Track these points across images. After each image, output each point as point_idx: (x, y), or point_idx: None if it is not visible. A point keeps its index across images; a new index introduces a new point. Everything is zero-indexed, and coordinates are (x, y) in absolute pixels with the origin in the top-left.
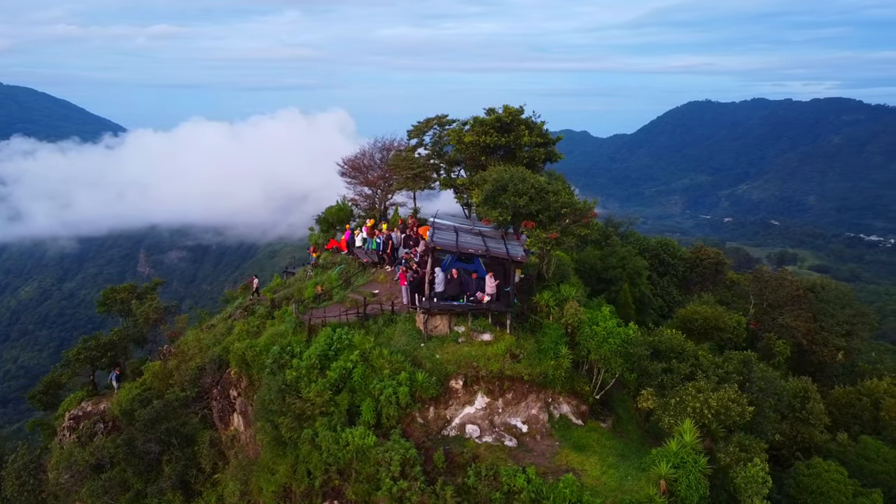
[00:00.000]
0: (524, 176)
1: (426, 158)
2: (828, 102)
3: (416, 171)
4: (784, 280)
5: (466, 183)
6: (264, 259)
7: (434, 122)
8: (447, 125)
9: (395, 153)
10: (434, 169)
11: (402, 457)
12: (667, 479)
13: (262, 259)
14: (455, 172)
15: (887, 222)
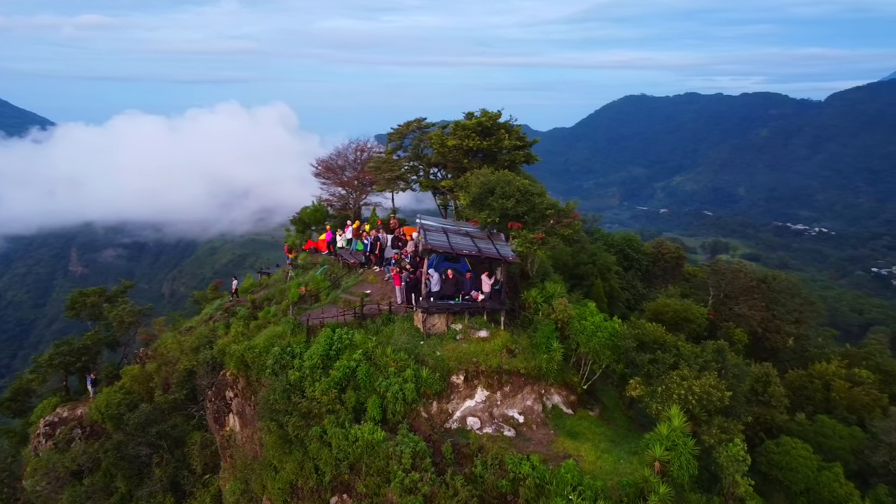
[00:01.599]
0: (510, 179)
1: (407, 161)
2: (756, 97)
3: (398, 174)
4: (739, 272)
5: (451, 185)
6: (204, 256)
7: (414, 126)
8: (426, 129)
9: (375, 156)
10: (414, 171)
11: (413, 450)
12: (661, 460)
13: (203, 256)
14: (433, 174)
15: (812, 212)
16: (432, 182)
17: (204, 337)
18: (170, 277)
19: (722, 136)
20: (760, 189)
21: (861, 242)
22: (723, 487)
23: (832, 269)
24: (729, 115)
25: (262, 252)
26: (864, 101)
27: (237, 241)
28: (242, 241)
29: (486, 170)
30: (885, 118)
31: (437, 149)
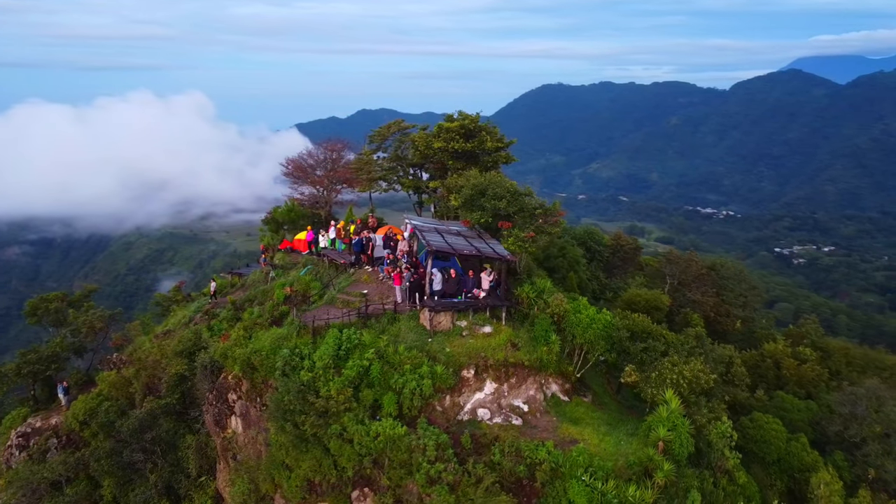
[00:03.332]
0: (501, 181)
1: (389, 162)
2: (666, 86)
3: (380, 175)
4: (691, 261)
5: (438, 186)
6: (119, 252)
7: (395, 128)
8: (407, 130)
9: (357, 157)
10: (394, 172)
11: (436, 442)
12: (664, 440)
13: (117, 252)
14: (412, 174)
15: (719, 196)
16: (415, 182)
17: (188, 340)
18: (81, 275)
19: (635, 124)
20: (671, 175)
21: (764, 224)
22: (712, 461)
23: (739, 250)
24: (641, 104)
25: (182, 247)
26: (764, 91)
27: (154, 236)
28: (160, 234)
29: (474, 171)
30: (784, 106)
31: (422, 150)
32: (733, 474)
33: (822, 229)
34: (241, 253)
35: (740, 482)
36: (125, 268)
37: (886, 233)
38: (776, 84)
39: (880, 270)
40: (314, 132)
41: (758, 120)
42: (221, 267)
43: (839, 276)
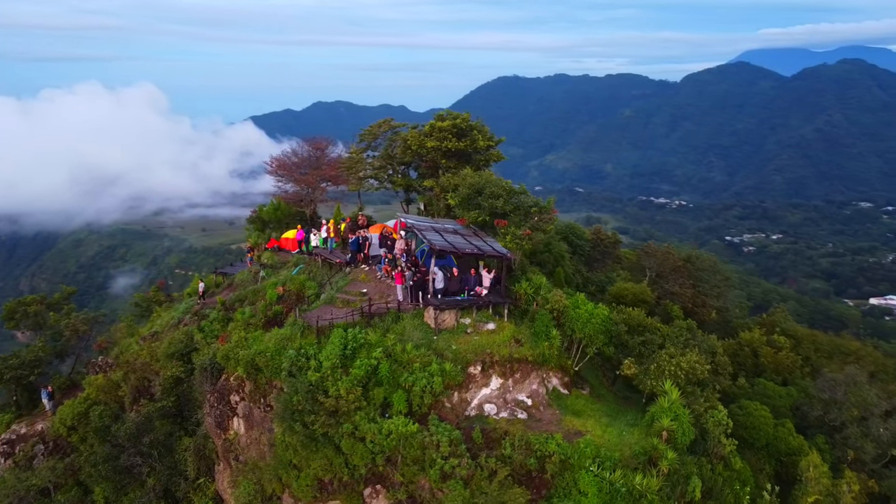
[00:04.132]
0: (497, 180)
1: (379, 160)
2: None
3: (371, 174)
4: (668, 253)
5: (432, 185)
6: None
7: (386, 127)
8: (397, 129)
9: (347, 156)
10: (384, 170)
11: (449, 438)
12: (668, 430)
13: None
14: (401, 173)
15: (672, 186)
16: (407, 181)
17: (180, 342)
18: (28, 273)
19: (590, 116)
20: (625, 165)
21: (715, 213)
22: (708, 448)
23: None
24: (596, 96)
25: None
26: (714, 83)
27: (105, 232)
28: (111, 231)
29: (468, 171)
30: (733, 98)
31: (415, 149)
32: (729, 460)
33: (771, 218)
34: (197, 248)
35: (736, 467)
36: (75, 266)
37: (830, 220)
38: (725, 76)
39: (825, 257)
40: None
41: (708, 111)
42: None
43: (787, 263)
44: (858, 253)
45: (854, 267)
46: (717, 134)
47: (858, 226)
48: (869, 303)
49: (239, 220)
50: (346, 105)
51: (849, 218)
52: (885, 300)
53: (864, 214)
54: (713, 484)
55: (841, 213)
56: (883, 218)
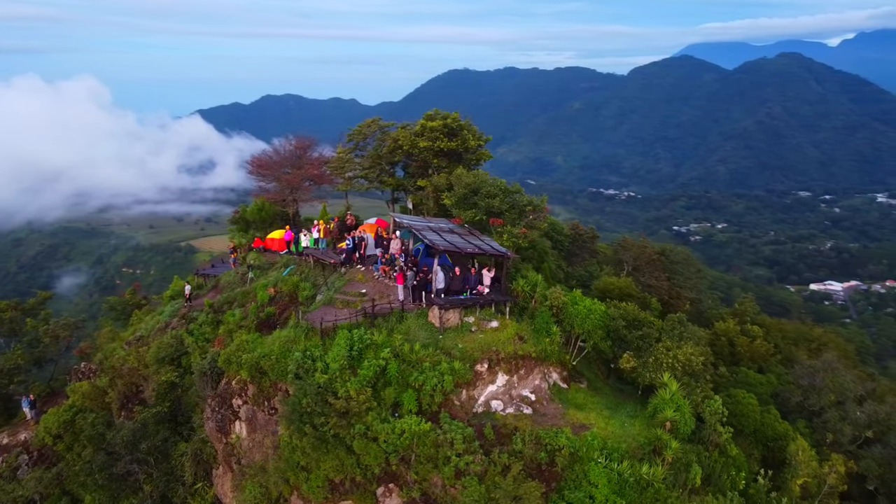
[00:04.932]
0: (493, 179)
1: (368, 161)
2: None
3: (361, 174)
4: (644, 247)
5: (426, 185)
6: (7, 249)
7: (375, 128)
8: (386, 129)
9: (336, 156)
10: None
11: (462, 435)
12: (671, 420)
13: (5, 249)
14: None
15: (620, 177)
16: (398, 181)
17: (170, 346)
18: None
19: (540, 109)
20: (576, 157)
21: (663, 204)
22: (705, 436)
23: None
24: (545, 89)
25: (79, 241)
26: (660, 76)
27: (47, 231)
28: (53, 229)
29: (462, 171)
30: (678, 91)
31: (406, 148)
32: (725, 447)
33: (715, 207)
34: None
35: (732, 454)
36: (15, 265)
37: (772, 209)
38: (670, 69)
39: (767, 245)
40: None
41: (654, 104)
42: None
43: (732, 252)
44: (798, 240)
45: (795, 254)
46: (663, 126)
47: (798, 214)
48: (809, 288)
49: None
50: (295, 98)
51: (789, 207)
52: (825, 285)
53: (803, 203)
54: (711, 471)
55: (781, 202)
56: (821, 206)
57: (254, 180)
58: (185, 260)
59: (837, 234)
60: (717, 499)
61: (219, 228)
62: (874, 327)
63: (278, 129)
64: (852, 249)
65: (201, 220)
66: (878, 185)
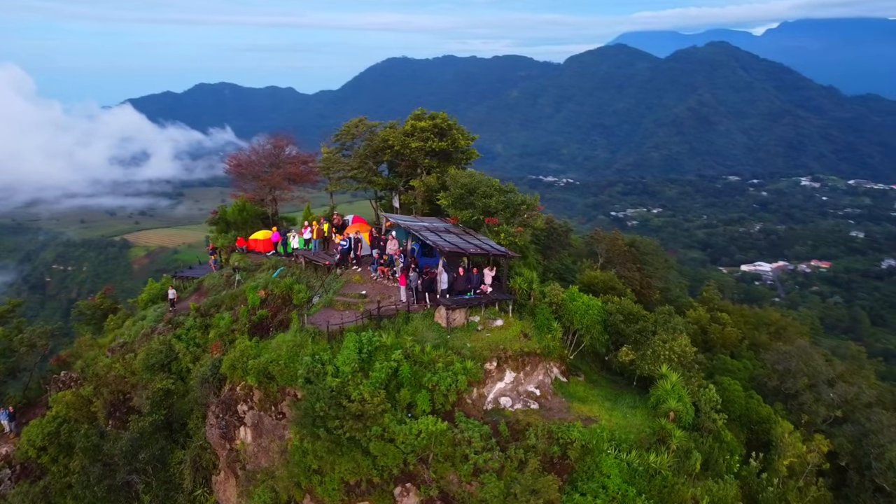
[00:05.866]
0: (488, 179)
1: (356, 161)
2: (506, 59)
3: (350, 174)
4: (616, 239)
5: (419, 185)
6: None
7: (363, 128)
8: (374, 128)
9: (324, 156)
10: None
11: (480, 433)
12: (675, 410)
13: None
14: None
15: (559, 164)
16: (388, 181)
17: (160, 353)
18: None
19: (479, 97)
20: (515, 145)
21: (600, 190)
22: (701, 423)
23: (580, 216)
24: (483, 77)
25: (4, 238)
26: (595, 64)
27: None
28: None
29: (456, 171)
30: (613, 79)
31: (397, 149)
32: (719, 433)
33: (651, 193)
34: (77, 242)
35: (727, 439)
36: None
37: (703, 194)
38: (605, 58)
39: (700, 228)
40: (149, 108)
41: (590, 92)
42: (54, 258)
43: (667, 236)
44: (729, 224)
45: (726, 237)
46: (599, 113)
47: (728, 198)
48: (741, 269)
49: (122, 210)
50: (230, 87)
51: (720, 191)
52: (755, 266)
53: (733, 187)
54: (709, 456)
55: (713, 186)
56: (749, 190)
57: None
58: (119, 255)
59: (765, 216)
60: (717, 483)
61: (155, 222)
62: (801, 306)
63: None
64: (779, 231)
65: (136, 214)
66: (802, 169)
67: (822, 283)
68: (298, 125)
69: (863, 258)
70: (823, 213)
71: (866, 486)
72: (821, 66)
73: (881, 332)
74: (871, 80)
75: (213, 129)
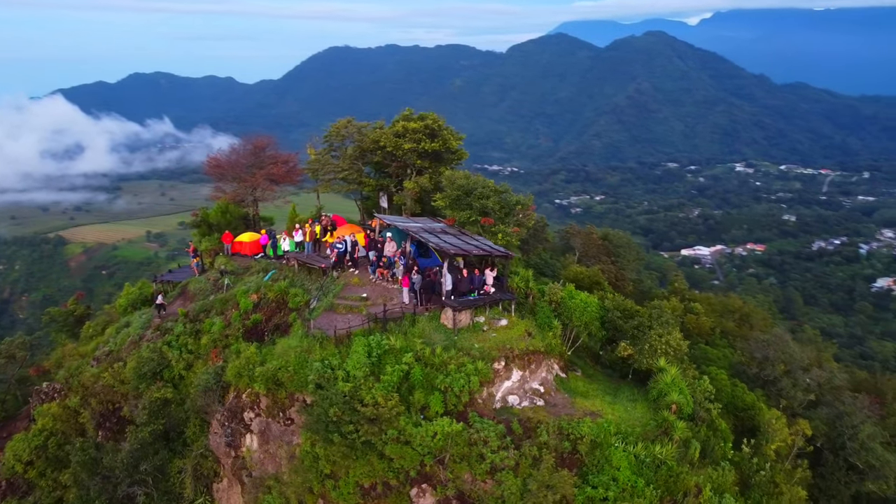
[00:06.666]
0: (484, 180)
1: (348, 162)
2: (448, 48)
3: (341, 175)
4: (590, 234)
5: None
6: None
7: (353, 129)
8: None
9: (314, 157)
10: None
11: (496, 433)
12: (677, 403)
13: None
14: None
15: (503, 153)
16: (380, 182)
17: (151, 361)
18: None
19: (422, 87)
20: None
21: (544, 178)
22: (696, 413)
23: None
24: (427, 66)
25: None
26: (537, 53)
27: None
28: None
29: (451, 172)
30: (554, 68)
31: (390, 150)
32: (714, 423)
33: (593, 180)
34: (7, 239)
35: (721, 428)
36: None
37: (644, 180)
38: (546, 47)
39: (642, 214)
40: (82, 99)
41: (532, 81)
42: None
43: (609, 222)
44: (669, 209)
45: (667, 222)
46: (541, 102)
47: (668, 184)
48: (681, 254)
49: (57, 206)
50: (166, 77)
51: (659, 178)
52: (694, 250)
53: (671, 174)
54: (705, 445)
55: (652, 173)
56: (687, 176)
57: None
58: (54, 253)
59: (703, 201)
60: (716, 470)
61: (92, 217)
62: (739, 287)
63: (151, 110)
64: (716, 216)
65: (71, 210)
66: (736, 156)
67: (757, 266)
68: (240, 115)
69: (794, 241)
70: (757, 198)
71: (840, 465)
72: (752, 56)
73: (813, 310)
74: (799, 69)
75: (151, 120)
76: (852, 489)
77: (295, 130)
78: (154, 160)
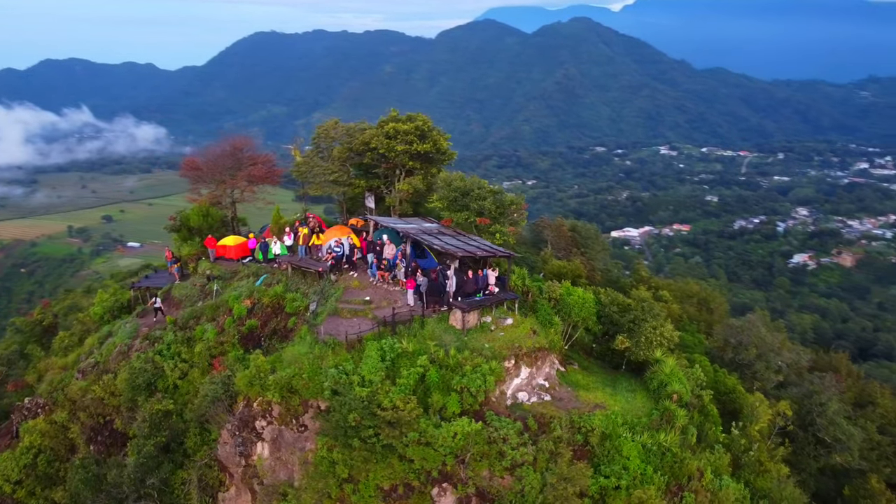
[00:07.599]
0: (481, 181)
1: (338, 164)
2: (377, 34)
3: (333, 177)
4: (560, 226)
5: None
6: None
7: (342, 131)
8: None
9: (304, 159)
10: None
11: (514, 430)
12: (678, 393)
13: None
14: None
15: None
16: (371, 183)
17: (145, 371)
18: None
19: (352, 73)
20: None
21: (477, 164)
22: (690, 400)
23: None
24: (356, 52)
25: None
26: (465, 39)
27: None
28: None
29: (445, 173)
30: (484, 54)
31: (381, 151)
32: (705, 408)
33: (524, 165)
34: None
35: (712, 413)
36: None
37: (573, 164)
38: (475, 33)
39: (573, 198)
40: None
41: (462, 66)
42: None
43: (542, 206)
44: (599, 192)
45: (597, 205)
46: (472, 88)
47: (596, 168)
48: (611, 236)
49: None
50: (82, 63)
51: (588, 161)
52: (624, 232)
53: (599, 158)
54: (700, 429)
55: (581, 157)
56: (615, 160)
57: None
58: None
59: (631, 184)
60: (712, 453)
61: (7, 213)
62: (667, 267)
63: (66, 98)
64: (644, 198)
65: None
66: (660, 139)
67: (683, 245)
68: (163, 103)
69: (717, 220)
70: (681, 180)
71: (809, 440)
72: (674, 42)
73: (736, 287)
74: (718, 55)
75: (68, 109)
76: (820, 462)
77: (222, 118)
78: (73, 151)
